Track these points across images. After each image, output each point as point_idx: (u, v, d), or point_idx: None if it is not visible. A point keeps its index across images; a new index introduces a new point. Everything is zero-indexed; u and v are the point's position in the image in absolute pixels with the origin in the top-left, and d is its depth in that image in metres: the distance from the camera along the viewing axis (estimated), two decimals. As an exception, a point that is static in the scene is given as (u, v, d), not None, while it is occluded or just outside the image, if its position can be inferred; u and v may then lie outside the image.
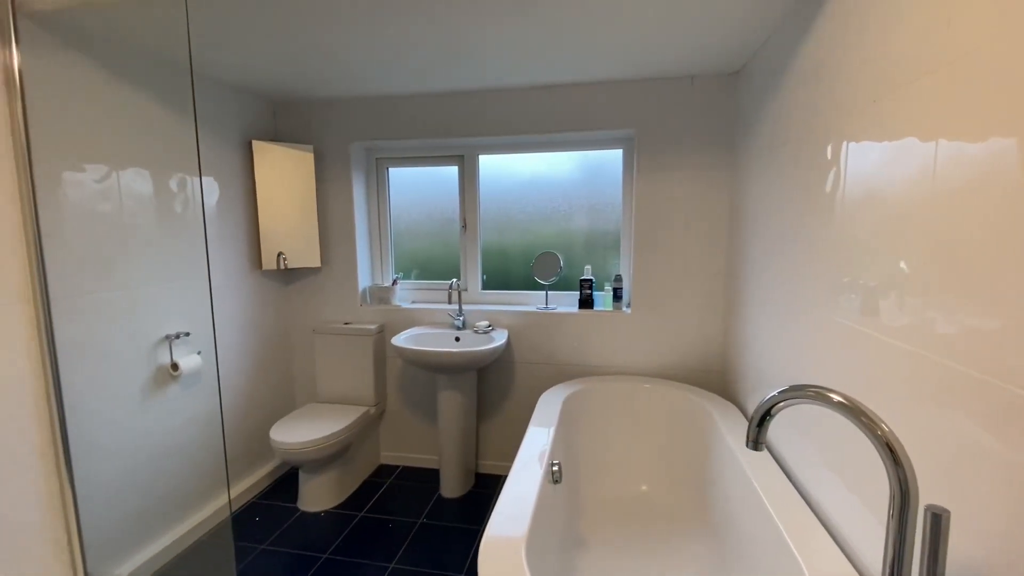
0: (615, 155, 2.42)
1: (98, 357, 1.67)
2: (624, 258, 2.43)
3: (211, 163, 2.16)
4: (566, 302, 2.51)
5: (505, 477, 2.48)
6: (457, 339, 2.37)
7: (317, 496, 2.24)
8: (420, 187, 2.71)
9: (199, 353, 2.01)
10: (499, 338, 2.26)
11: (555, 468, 1.54)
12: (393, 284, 2.62)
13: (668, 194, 2.20)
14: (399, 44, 1.74)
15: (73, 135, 1.59)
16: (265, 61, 1.92)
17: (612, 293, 2.32)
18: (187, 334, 1.98)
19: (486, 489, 2.41)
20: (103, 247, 1.68)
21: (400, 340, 2.26)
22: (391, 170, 2.69)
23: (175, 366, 1.90)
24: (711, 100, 2.12)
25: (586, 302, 2.36)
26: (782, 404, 0.78)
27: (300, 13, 1.51)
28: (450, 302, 2.44)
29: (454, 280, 2.41)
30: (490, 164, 2.56)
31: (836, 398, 0.73)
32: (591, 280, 2.36)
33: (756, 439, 0.82)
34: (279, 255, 2.43)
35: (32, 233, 1.45)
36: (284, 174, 2.41)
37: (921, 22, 0.87)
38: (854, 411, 0.72)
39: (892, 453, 0.69)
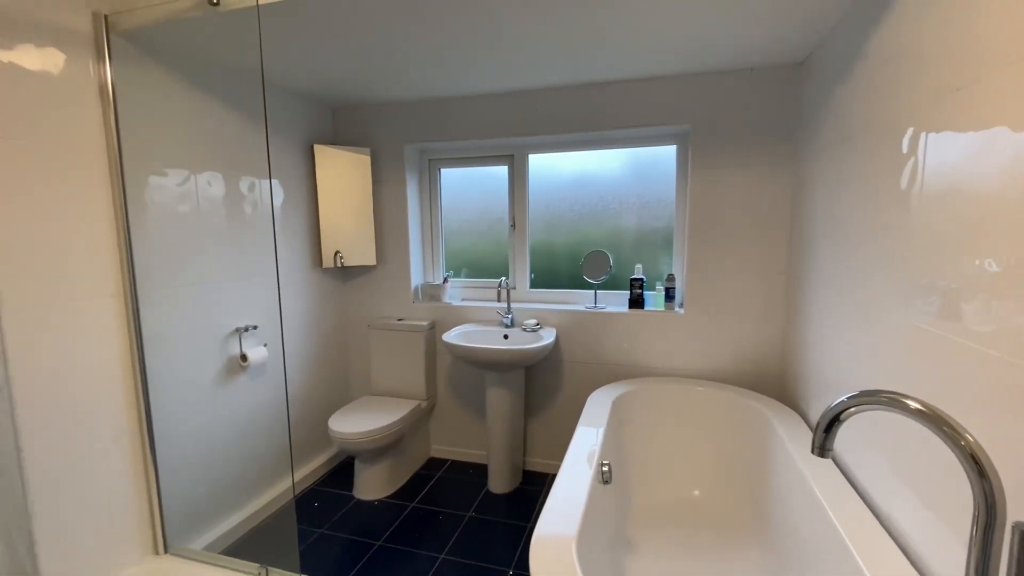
0: (668, 151, 2.36)
1: (177, 347, 1.81)
2: (677, 257, 2.38)
3: (276, 166, 2.28)
4: (615, 301, 2.48)
5: (552, 475, 2.49)
6: (506, 336, 2.39)
7: (372, 485, 2.33)
8: (470, 187, 2.76)
9: (265, 345, 2.14)
10: (547, 336, 2.27)
11: (605, 468, 1.53)
12: (444, 282, 2.68)
13: (725, 191, 2.13)
14: (452, 47, 1.78)
15: (157, 142, 1.73)
16: (326, 69, 2.01)
17: (664, 293, 2.27)
18: (255, 327, 2.11)
19: (533, 486, 2.43)
20: (182, 246, 1.82)
21: (451, 337, 2.31)
22: (442, 170, 2.75)
23: (244, 357, 2.03)
24: (772, 92, 2.03)
25: (636, 302, 2.32)
26: (853, 410, 0.75)
27: (359, 22, 1.57)
28: (499, 300, 2.46)
29: (503, 279, 2.44)
30: (538, 163, 2.57)
31: (913, 405, 0.69)
32: (642, 279, 2.32)
33: (823, 445, 0.78)
34: (336, 253, 2.54)
35: (122, 233, 1.59)
36: (343, 176, 2.52)
37: (1012, 2, 0.81)
38: (934, 419, 0.68)
39: (977, 465, 0.64)
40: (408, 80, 2.17)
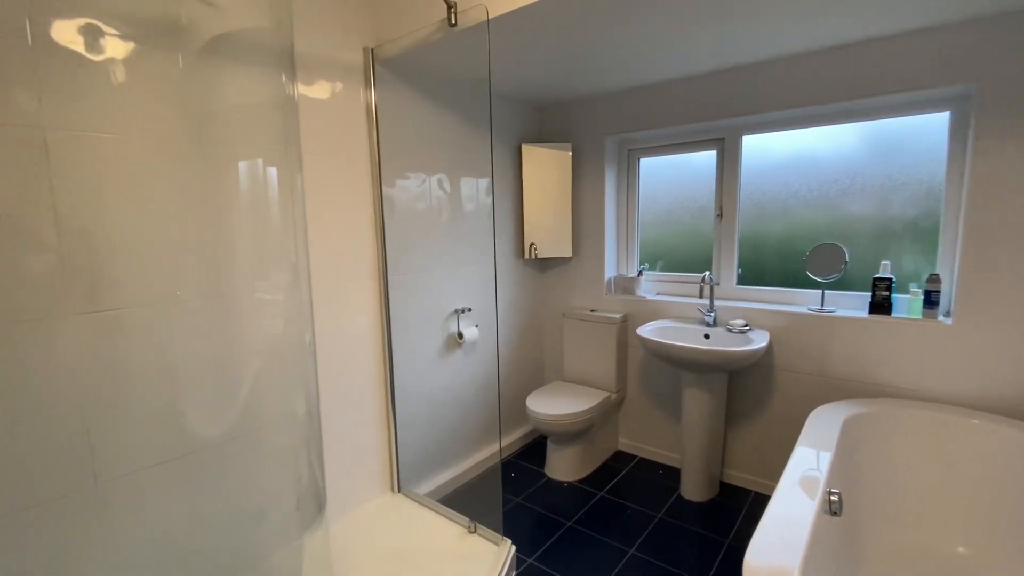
0: (933, 121, 1.89)
1: (412, 322, 2.14)
2: (945, 253, 1.90)
3: (491, 167, 2.51)
4: (845, 303, 2.11)
5: (755, 492, 2.27)
6: (707, 336, 2.23)
7: (563, 467, 2.44)
8: (669, 176, 2.64)
9: (477, 326, 2.40)
10: (759, 340, 2.04)
11: (834, 498, 1.32)
12: (638, 275, 2.63)
13: (1029, 167, 1.62)
14: (663, 33, 1.71)
15: (403, 150, 2.05)
16: (537, 71, 2.12)
17: (923, 297, 1.84)
18: (469, 309, 2.38)
19: (731, 500, 2.24)
20: (417, 238, 2.14)
21: (645, 331, 2.25)
22: (642, 160, 2.68)
23: (460, 335, 2.31)
24: None
25: (881, 306, 1.93)
26: None
27: (576, 23, 1.61)
28: (701, 296, 2.31)
29: (706, 273, 2.27)
30: (748, 144, 2.32)
31: None
32: (890, 279, 1.91)
33: None
34: (531, 245, 2.70)
35: (379, 228, 1.94)
36: (545, 172, 2.65)
37: None
38: None
39: None
40: (615, 71, 2.15)
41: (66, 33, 1.09)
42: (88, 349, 1.10)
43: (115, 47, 1.14)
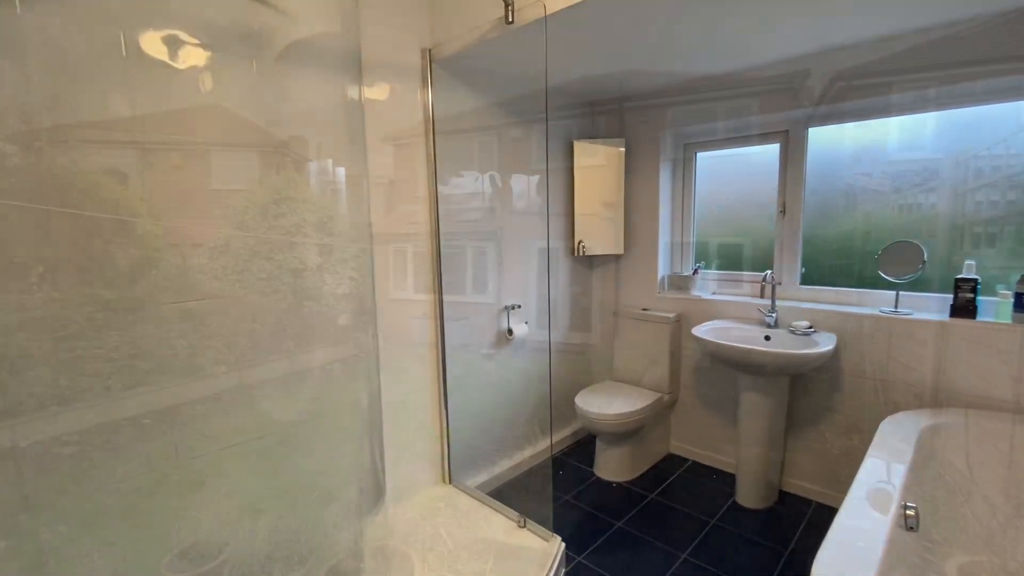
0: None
1: (464, 319, 2.17)
2: (1040, 252, 1.74)
3: (542, 162, 2.50)
4: (921, 305, 1.97)
5: (816, 503, 2.16)
6: (768, 338, 2.14)
7: (612, 467, 2.41)
8: (727, 171, 2.55)
9: (526, 323, 2.41)
10: (825, 343, 1.93)
11: (910, 512, 1.24)
12: (693, 273, 2.56)
13: None
14: (723, 24, 1.64)
15: (458, 148, 2.08)
16: (591, 67, 2.10)
17: (1014, 300, 1.69)
18: (519, 306, 2.39)
19: (791, 509, 2.14)
20: (470, 235, 2.16)
21: (702, 331, 2.18)
22: (699, 154, 2.60)
23: (510, 331, 2.32)
24: None
25: (965, 308, 1.78)
26: None
27: (629, 21, 1.58)
28: (762, 296, 2.21)
29: (768, 272, 2.17)
30: (813, 137, 2.20)
31: None
32: (975, 280, 1.77)
33: None
34: (579, 243, 2.67)
35: (434, 224, 1.98)
36: (597, 169, 2.62)
37: None
38: None
39: None
40: (673, 63, 2.08)
41: (154, 44, 1.17)
42: (174, 336, 1.19)
43: (196, 56, 1.22)
